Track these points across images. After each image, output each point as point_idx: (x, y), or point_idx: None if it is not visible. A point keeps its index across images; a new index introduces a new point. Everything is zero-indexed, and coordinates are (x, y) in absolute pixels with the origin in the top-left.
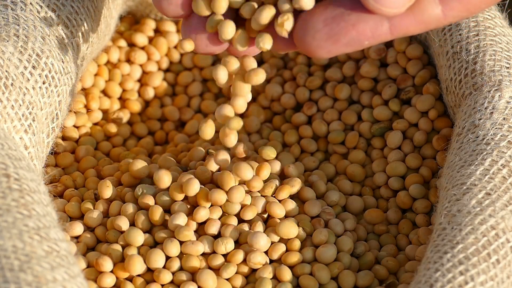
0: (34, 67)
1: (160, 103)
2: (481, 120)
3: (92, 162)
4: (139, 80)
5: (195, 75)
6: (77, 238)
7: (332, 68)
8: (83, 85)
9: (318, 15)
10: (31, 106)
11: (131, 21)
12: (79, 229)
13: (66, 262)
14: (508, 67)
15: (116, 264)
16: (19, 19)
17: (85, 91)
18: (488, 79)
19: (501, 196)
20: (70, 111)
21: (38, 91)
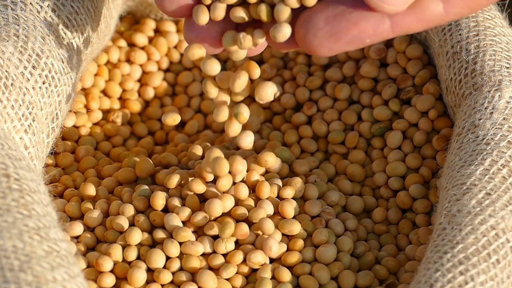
0: (34, 67)
1: (160, 103)
2: (481, 120)
3: (92, 162)
4: (139, 80)
5: (195, 75)
6: (77, 238)
7: (332, 68)
8: (83, 85)
9: (319, 13)
10: (31, 106)
11: (131, 21)
12: (79, 229)
13: (66, 262)
14: (508, 67)
15: (116, 264)
16: (19, 19)
17: (85, 91)
18: (488, 79)
19: (501, 196)
20: (70, 111)
21: (38, 91)
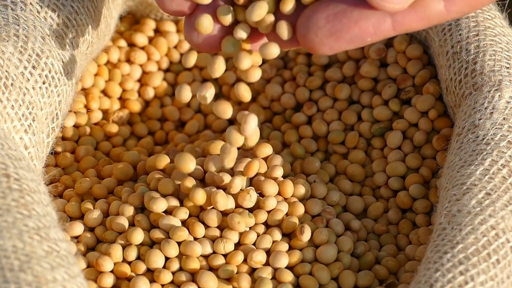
0: (34, 67)
1: (160, 103)
2: (481, 120)
3: (92, 162)
4: (139, 80)
5: (195, 75)
6: (77, 238)
7: (332, 68)
8: (83, 85)
9: (320, 11)
10: (31, 106)
11: (131, 21)
12: (79, 229)
13: (66, 262)
14: (508, 67)
15: (116, 264)
16: (19, 19)
17: (85, 91)
18: (488, 79)
19: (501, 196)
20: (70, 111)
21: (38, 91)
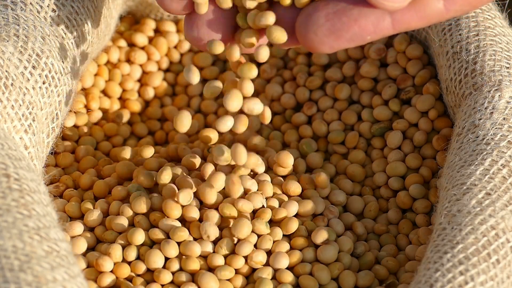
0: (34, 67)
1: (160, 103)
2: (481, 120)
3: (92, 162)
4: (139, 80)
5: None
6: None
7: (332, 68)
8: (83, 85)
9: (320, 10)
10: (31, 106)
11: (131, 21)
12: (79, 229)
13: (66, 262)
14: (508, 67)
15: (116, 264)
16: (19, 19)
17: (85, 91)
18: (488, 79)
19: (501, 196)
20: (70, 111)
21: (38, 91)
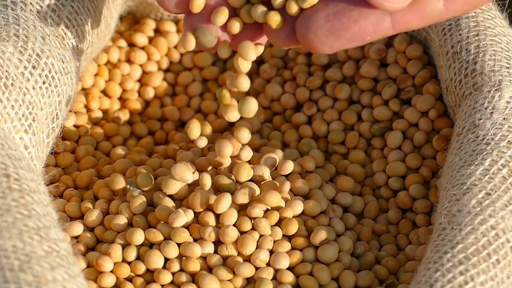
0: (34, 67)
1: (160, 103)
2: (481, 120)
3: (92, 162)
4: (139, 80)
5: (195, 75)
6: (77, 238)
7: (332, 68)
8: (83, 85)
9: (320, 11)
10: (31, 106)
11: (131, 21)
12: (79, 229)
13: (66, 262)
14: (508, 67)
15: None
16: (19, 19)
17: (85, 91)
18: (488, 79)
19: (501, 196)
20: (70, 111)
21: (38, 91)
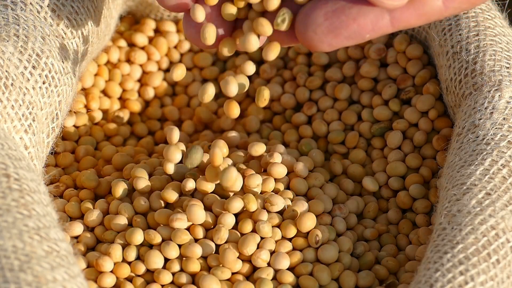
0: (34, 67)
1: (160, 103)
2: (481, 120)
3: (92, 162)
4: (139, 80)
5: (195, 75)
6: (77, 238)
7: (332, 68)
8: (83, 85)
9: (318, 9)
10: (31, 106)
11: (131, 21)
12: (79, 229)
13: (66, 262)
14: (508, 67)
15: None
16: (19, 19)
17: (85, 91)
18: (488, 79)
19: (501, 196)
20: (70, 111)
21: (38, 91)
